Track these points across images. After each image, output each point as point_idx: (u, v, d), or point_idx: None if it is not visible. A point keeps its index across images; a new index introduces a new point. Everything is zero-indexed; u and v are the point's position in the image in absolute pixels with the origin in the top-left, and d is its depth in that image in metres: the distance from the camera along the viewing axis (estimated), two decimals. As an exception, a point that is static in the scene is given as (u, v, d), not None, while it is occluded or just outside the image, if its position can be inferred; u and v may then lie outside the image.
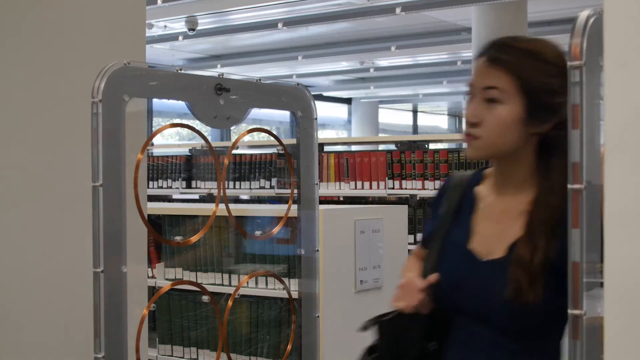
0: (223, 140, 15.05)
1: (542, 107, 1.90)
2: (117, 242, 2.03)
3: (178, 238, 3.85)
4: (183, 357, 4.20)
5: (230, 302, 3.30)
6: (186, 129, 2.56)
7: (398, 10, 10.49)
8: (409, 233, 5.13)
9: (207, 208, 4.14)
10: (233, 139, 13.53)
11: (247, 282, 3.82)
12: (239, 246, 4.08)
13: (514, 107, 1.90)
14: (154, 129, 3.33)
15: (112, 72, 2.44)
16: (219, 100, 2.88)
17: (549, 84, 1.89)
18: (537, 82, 1.89)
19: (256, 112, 3.07)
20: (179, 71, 2.71)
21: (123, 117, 2.42)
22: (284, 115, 14.19)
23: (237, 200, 6.47)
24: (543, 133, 1.92)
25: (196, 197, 6.81)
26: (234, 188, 6.55)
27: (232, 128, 2.59)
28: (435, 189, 5.58)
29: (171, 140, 13.98)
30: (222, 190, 2.29)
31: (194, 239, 1.89)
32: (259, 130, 3.83)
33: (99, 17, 2.96)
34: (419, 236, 5.65)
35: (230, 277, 4.00)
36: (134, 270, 2.13)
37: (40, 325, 2.73)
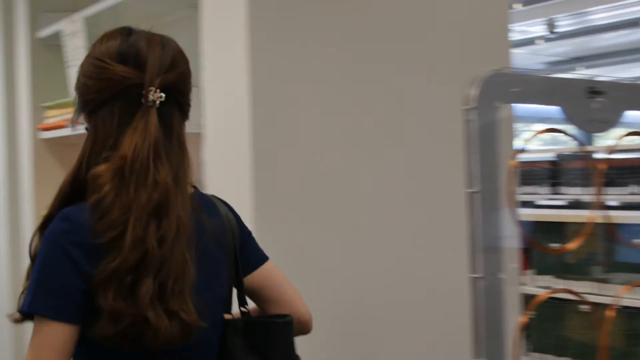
0: (585, 145, 14.61)
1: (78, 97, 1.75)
2: (493, 248, 2.04)
3: (554, 245, 3.78)
4: (555, 367, 4.13)
5: (612, 313, 3.17)
6: (548, 134, 2.52)
7: None
8: None
9: (578, 214, 4.03)
10: (594, 143, 13.10)
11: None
12: (611, 254, 3.93)
13: None
14: (515, 135, 3.32)
15: (486, 79, 2.47)
16: (591, 103, 2.80)
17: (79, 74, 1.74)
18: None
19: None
20: (547, 75, 2.67)
21: (496, 123, 2.44)
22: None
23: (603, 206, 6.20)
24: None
25: (560, 203, 6.67)
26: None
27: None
28: None
29: (533, 146, 13.84)
30: (598, 197, 2.20)
31: (573, 245, 1.83)
32: (638, 133, 3.66)
33: (465, 24, 2.99)
34: None
35: (603, 285, 3.86)
36: (508, 277, 2.13)
37: (415, 329, 2.80)
